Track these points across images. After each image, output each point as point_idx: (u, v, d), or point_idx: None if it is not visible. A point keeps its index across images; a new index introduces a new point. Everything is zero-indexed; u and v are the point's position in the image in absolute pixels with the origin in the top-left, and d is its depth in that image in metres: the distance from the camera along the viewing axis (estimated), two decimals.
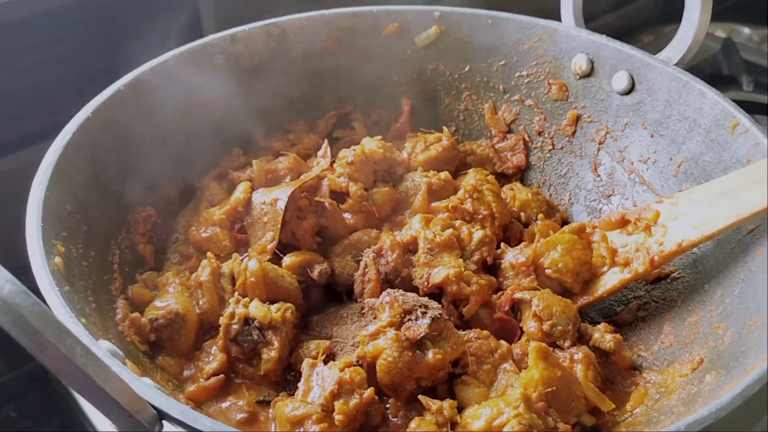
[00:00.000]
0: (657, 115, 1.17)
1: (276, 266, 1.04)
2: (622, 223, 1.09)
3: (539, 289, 1.03)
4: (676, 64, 1.16)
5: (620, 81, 1.21)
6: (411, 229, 1.09)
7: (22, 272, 0.78)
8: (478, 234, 1.09)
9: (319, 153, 1.25)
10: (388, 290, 0.97)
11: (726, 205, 0.97)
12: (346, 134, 1.38)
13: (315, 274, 1.07)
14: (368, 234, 1.15)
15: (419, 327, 0.91)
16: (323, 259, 1.10)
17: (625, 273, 1.05)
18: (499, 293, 1.06)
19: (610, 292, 1.06)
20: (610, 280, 1.06)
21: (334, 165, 1.22)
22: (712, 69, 1.89)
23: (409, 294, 0.97)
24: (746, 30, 2.25)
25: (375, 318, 0.97)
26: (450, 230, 1.07)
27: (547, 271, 1.05)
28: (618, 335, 1.01)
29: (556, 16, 1.29)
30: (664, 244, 1.02)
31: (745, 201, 0.95)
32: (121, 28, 1.49)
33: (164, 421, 0.71)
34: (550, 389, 0.88)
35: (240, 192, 1.14)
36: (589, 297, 1.07)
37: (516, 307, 1.05)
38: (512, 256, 1.08)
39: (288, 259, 1.07)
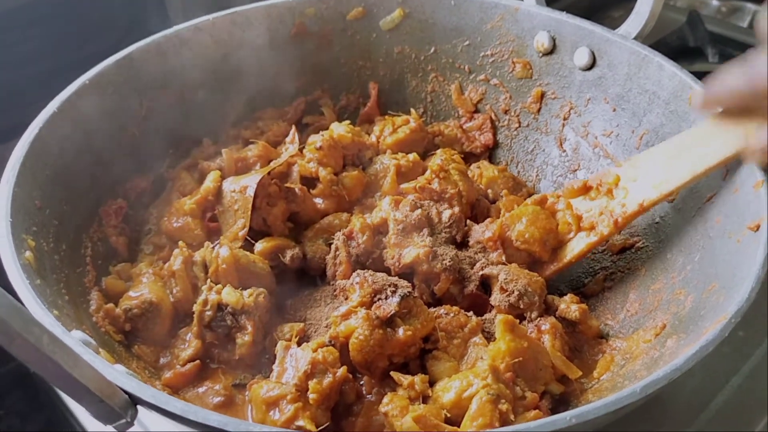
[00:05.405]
0: (618, 89, 1.19)
1: (247, 252, 1.06)
2: (585, 189, 1.11)
3: (506, 264, 1.05)
4: (635, 38, 1.18)
5: (582, 57, 1.23)
6: (381, 211, 1.11)
7: None
8: (446, 213, 1.11)
9: (287, 139, 1.26)
10: (358, 271, 0.99)
11: (682, 162, 0.99)
12: (315, 120, 1.39)
13: (287, 259, 1.08)
14: (339, 218, 1.17)
15: (389, 305, 0.93)
16: (294, 244, 1.11)
17: (591, 236, 1.07)
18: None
19: (578, 256, 1.09)
20: (577, 245, 1.09)
21: (304, 151, 1.23)
22: (679, 41, 1.90)
23: (378, 274, 0.98)
24: (714, 2, 2.28)
25: (346, 299, 0.99)
26: (419, 210, 1.09)
27: (515, 243, 1.08)
28: (583, 305, 1.03)
29: None
30: (626, 205, 1.05)
31: (699, 157, 0.97)
32: (88, 23, 1.49)
33: (139, 407, 0.73)
34: (517, 360, 0.90)
35: (210, 181, 1.15)
36: (558, 263, 1.10)
37: (486, 282, 1.07)
38: (479, 233, 1.10)
39: (259, 246, 1.09)
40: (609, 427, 0.74)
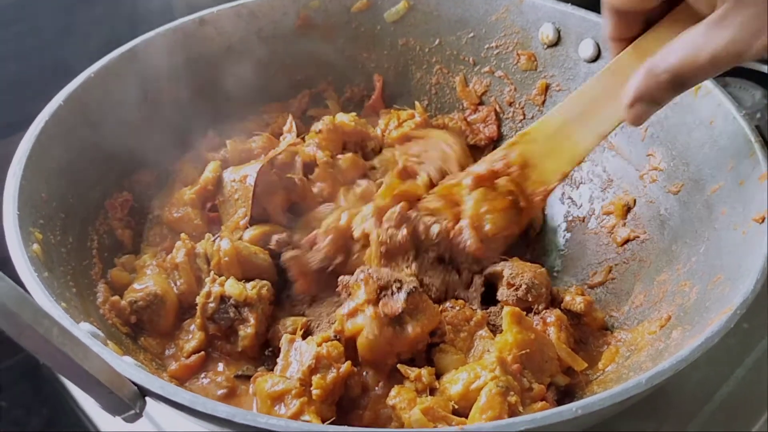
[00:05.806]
0: None
1: (248, 244, 1.06)
2: (493, 175, 1.06)
3: (507, 260, 1.05)
4: None
5: (586, 49, 1.23)
6: (364, 223, 1.07)
7: (4, 264, 0.80)
8: (435, 228, 1.05)
9: (285, 128, 1.26)
10: (362, 267, 0.98)
11: (588, 125, 0.99)
12: (320, 112, 1.39)
13: (273, 243, 1.07)
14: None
15: (396, 302, 0.92)
16: (282, 229, 1.10)
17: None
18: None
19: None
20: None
21: (306, 138, 1.23)
22: None
23: (382, 270, 0.98)
24: None
25: (350, 296, 0.96)
26: (404, 228, 1.04)
27: (494, 237, 1.05)
28: (588, 297, 1.03)
29: None
30: (545, 182, 1.04)
31: (604, 117, 0.97)
32: (92, 16, 1.49)
33: (147, 398, 0.73)
34: (524, 352, 0.90)
35: (209, 171, 1.15)
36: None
37: (489, 281, 1.06)
38: (460, 248, 1.05)
39: (248, 234, 1.07)
40: (614, 419, 0.75)
